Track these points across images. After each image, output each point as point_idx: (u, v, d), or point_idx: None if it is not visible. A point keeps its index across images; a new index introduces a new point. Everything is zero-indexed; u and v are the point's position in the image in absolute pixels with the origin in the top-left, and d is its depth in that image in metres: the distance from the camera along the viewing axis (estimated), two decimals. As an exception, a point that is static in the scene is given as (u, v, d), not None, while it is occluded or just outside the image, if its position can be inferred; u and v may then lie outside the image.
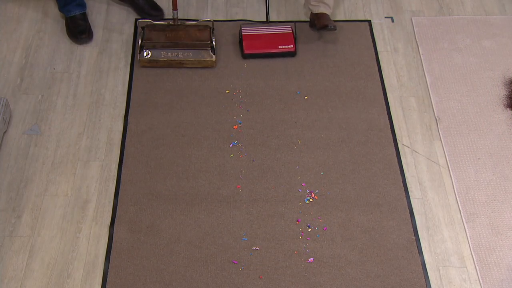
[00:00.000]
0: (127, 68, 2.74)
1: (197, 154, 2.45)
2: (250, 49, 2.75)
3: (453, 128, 2.57)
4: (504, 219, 2.29)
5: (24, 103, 2.59)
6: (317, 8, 2.78)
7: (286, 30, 2.80)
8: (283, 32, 2.79)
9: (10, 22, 2.91)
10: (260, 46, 2.75)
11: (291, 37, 2.77)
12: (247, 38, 2.76)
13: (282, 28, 2.81)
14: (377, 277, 2.13)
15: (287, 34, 2.78)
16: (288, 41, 2.76)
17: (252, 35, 2.78)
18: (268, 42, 2.76)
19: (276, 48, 2.75)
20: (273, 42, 2.76)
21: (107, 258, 2.14)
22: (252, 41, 2.75)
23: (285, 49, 2.75)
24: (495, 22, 3.00)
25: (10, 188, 2.32)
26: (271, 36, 2.77)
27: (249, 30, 2.80)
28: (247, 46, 2.75)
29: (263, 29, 2.80)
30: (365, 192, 2.35)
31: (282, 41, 2.76)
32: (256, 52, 2.75)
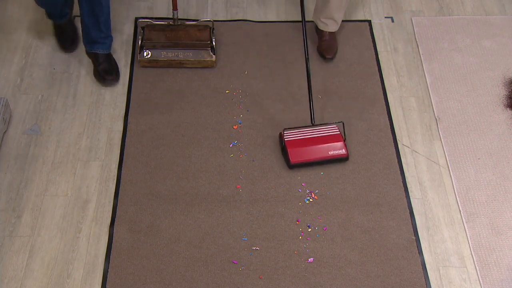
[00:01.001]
0: (127, 68, 2.74)
1: (197, 154, 2.45)
2: (297, 158, 2.39)
3: (453, 128, 2.57)
4: (504, 219, 2.29)
5: (24, 103, 2.59)
6: (325, 26, 2.74)
7: (333, 131, 2.46)
8: (331, 134, 2.45)
9: (10, 22, 2.91)
10: (308, 154, 2.40)
11: (341, 140, 2.43)
12: (291, 144, 2.40)
13: (328, 129, 2.47)
14: (377, 277, 2.13)
15: (336, 137, 2.44)
16: (338, 146, 2.42)
17: (296, 140, 2.42)
18: (317, 148, 2.41)
19: (326, 155, 2.41)
20: (323, 148, 2.41)
21: (107, 258, 2.14)
22: (297, 148, 2.40)
23: (337, 155, 2.41)
24: (495, 22, 3.00)
25: (10, 188, 2.32)
26: (318, 140, 2.43)
27: (292, 134, 2.45)
28: (293, 155, 2.39)
29: (308, 132, 2.45)
30: (365, 192, 2.35)
31: (332, 146, 2.41)
32: (304, 161, 2.40)
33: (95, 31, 2.58)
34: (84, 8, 2.50)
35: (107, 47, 2.66)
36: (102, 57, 2.66)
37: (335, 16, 2.70)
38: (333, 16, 2.69)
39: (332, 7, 2.66)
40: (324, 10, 2.69)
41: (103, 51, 2.66)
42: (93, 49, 2.65)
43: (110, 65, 2.67)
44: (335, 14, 2.69)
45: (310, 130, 2.46)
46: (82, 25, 2.59)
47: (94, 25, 2.55)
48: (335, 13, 2.68)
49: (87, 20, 2.54)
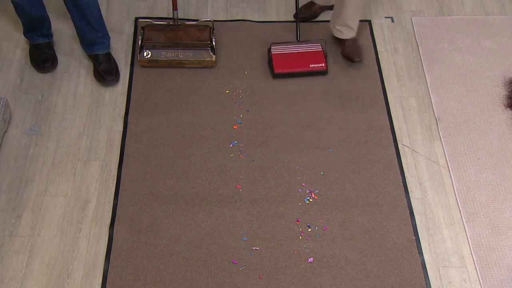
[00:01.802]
0: (127, 68, 2.74)
1: (197, 154, 2.45)
2: (280, 68, 2.67)
3: (453, 128, 2.57)
4: (504, 219, 2.29)
5: (24, 103, 2.59)
6: (340, 34, 2.73)
7: (316, 48, 2.74)
8: (313, 50, 2.73)
9: (10, 22, 2.91)
10: (291, 65, 2.68)
11: (322, 55, 2.71)
12: (277, 57, 2.69)
13: (311, 46, 2.75)
14: (377, 277, 2.13)
15: (318, 53, 2.72)
16: (319, 60, 2.69)
17: (282, 54, 2.71)
18: (299, 61, 2.69)
19: (307, 67, 2.68)
20: (304, 61, 2.69)
21: (107, 258, 2.14)
22: (282, 61, 2.68)
23: (316, 68, 2.69)
24: (495, 22, 3.00)
25: (10, 188, 2.32)
26: (301, 54, 2.71)
27: (279, 48, 2.73)
28: (278, 66, 2.67)
29: (293, 48, 2.73)
30: (365, 192, 2.35)
31: (313, 60, 2.69)
32: (287, 71, 2.68)
33: (90, 32, 2.58)
34: (73, 12, 2.51)
35: (106, 46, 2.67)
36: (102, 57, 2.66)
37: (349, 23, 2.67)
38: (347, 23, 2.67)
39: (346, 15, 2.63)
40: (339, 18, 2.67)
41: (103, 51, 2.66)
42: (93, 51, 2.66)
43: (110, 65, 2.67)
44: (350, 22, 2.67)
45: (295, 45, 2.74)
46: (77, 30, 2.61)
47: (87, 26, 2.56)
48: (350, 21, 2.66)
49: (79, 23, 2.55)
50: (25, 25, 2.62)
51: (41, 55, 2.68)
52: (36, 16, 2.55)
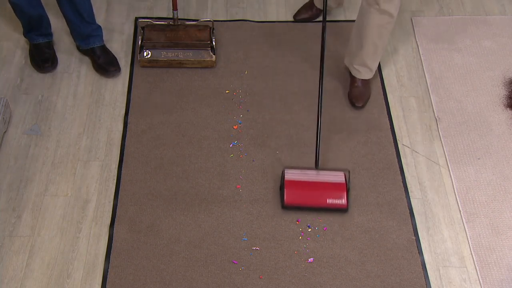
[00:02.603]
0: (127, 68, 2.74)
1: (197, 154, 2.45)
2: (292, 199, 2.25)
3: (453, 128, 2.57)
4: (504, 219, 2.29)
5: (24, 103, 2.59)
6: (358, 73, 2.57)
7: (338, 179, 2.29)
8: (334, 182, 2.28)
9: (10, 22, 2.91)
10: (305, 197, 2.25)
11: (343, 189, 2.26)
12: (290, 185, 2.26)
13: (333, 176, 2.30)
14: (377, 277, 2.13)
15: (339, 185, 2.27)
16: (339, 195, 2.25)
17: (296, 181, 2.27)
18: (315, 194, 2.25)
19: (323, 202, 2.25)
20: (321, 194, 2.25)
21: (107, 258, 2.14)
22: (295, 189, 2.26)
23: (334, 205, 2.25)
24: (495, 22, 3.00)
25: (10, 188, 2.32)
26: (319, 185, 2.26)
27: (294, 174, 2.30)
28: (289, 195, 2.25)
29: (310, 175, 2.29)
30: (365, 192, 2.35)
31: (332, 194, 2.25)
32: (298, 204, 2.26)
33: (84, 26, 2.61)
34: (66, 8, 2.53)
35: (100, 38, 2.70)
36: (99, 50, 2.69)
37: (368, 63, 2.52)
38: (366, 63, 2.52)
39: (365, 54, 2.49)
40: (358, 56, 2.52)
41: (99, 43, 2.69)
42: (89, 44, 2.68)
43: (109, 56, 2.70)
44: (369, 62, 2.52)
45: (313, 173, 2.30)
46: (71, 25, 2.62)
47: (82, 21, 2.58)
48: (369, 61, 2.51)
49: (73, 18, 2.57)
50: (24, 25, 2.62)
51: (41, 55, 2.67)
52: (34, 15, 2.55)
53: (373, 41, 2.44)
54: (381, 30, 2.40)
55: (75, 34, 2.67)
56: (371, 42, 2.44)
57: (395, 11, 2.33)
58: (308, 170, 2.31)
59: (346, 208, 2.26)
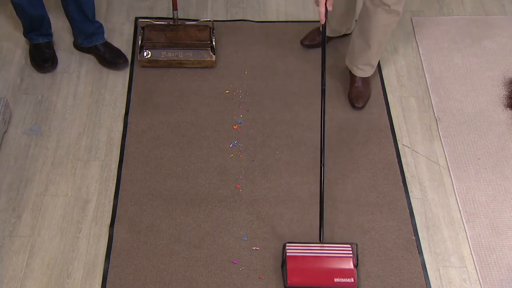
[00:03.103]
0: (127, 68, 2.74)
1: (197, 154, 2.45)
2: (295, 278, 2.04)
3: (453, 128, 2.57)
4: (504, 219, 2.29)
5: (24, 103, 2.59)
6: (362, 72, 2.57)
7: (346, 253, 2.09)
8: (341, 256, 2.08)
9: (10, 22, 2.91)
10: (310, 276, 2.05)
11: (352, 265, 2.07)
12: (292, 262, 2.07)
13: (339, 250, 2.10)
14: (377, 277, 2.13)
15: (346, 261, 2.07)
16: (347, 273, 2.06)
17: (299, 257, 2.08)
18: (320, 272, 2.06)
19: (331, 281, 2.05)
20: (327, 272, 2.06)
21: (107, 258, 2.14)
22: (299, 267, 2.06)
23: (342, 284, 2.05)
24: (495, 22, 3.00)
25: (10, 188, 2.32)
26: (324, 261, 2.07)
27: (296, 249, 2.10)
28: (292, 275, 2.05)
29: (315, 251, 2.10)
30: (365, 192, 2.35)
31: (339, 272, 2.05)
32: (303, 285, 2.06)
33: (88, 25, 2.63)
34: (71, 6, 2.54)
35: (102, 35, 2.72)
36: (102, 47, 2.71)
37: (373, 61, 2.54)
38: (371, 62, 2.54)
39: (371, 54, 2.49)
40: (363, 57, 2.51)
41: (102, 41, 2.71)
42: (92, 42, 2.69)
43: (114, 50, 2.72)
44: (373, 60, 2.53)
45: (318, 247, 2.10)
46: (73, 24, 2.63)
47: (85, 19, 2.60)
48: (373, 59, 2.53)
49: (77, 17, 2.59)
50: (25, 26, 2.62)
51: (41, 55, 2.67)
52: (35, 15, 2.55)
53: (379, 40, 2.43)
54: (387, 28, 2.39)
55: (77, 33, 2.67)
56: (377, 41, 2.43)
57: (402, 9, 2.34)
58: (311, 244, 2.11)
59: (355, 287, 2.06)
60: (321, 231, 2.11)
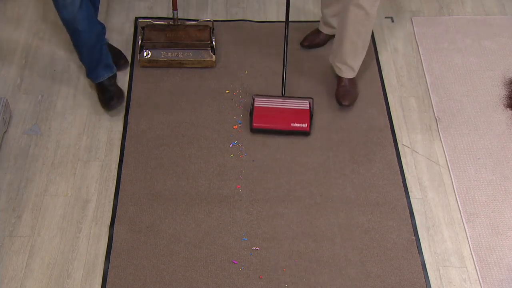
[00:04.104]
0: (127, 68, 2.74)
1: (197, 154, 2.45)
2: (260, 122, 2.49)
3: (453, 128, 2.57)
4: (504, 219, 2.29)
5: (24, 103, 2.59)
6: (339, 71, 2.58)
7: (303, 106, 2.51)
8: (299, 108, 2.51)
9: (10, 22, 2.91)
10: (271, 121, 2.49)
11: (307, 115, 2.49)
12: (258, 111, 2.50)
13: (298, 103, 2.53)
14: (377, 277, 2.13)
15: (303, 111, 2.50)
16: (302, 119, 2.48)
17: (264, 108, 2.51)
18: (281, 118, 2.49)
19: (288, 126, 2.48)
20: (286, 118, 2.49)
21: (107, 258, 2.14)
22: (263, 115, 2.50)
23: (297, 128, 2.48)
24: (495, 22, 3.00)
25: (10, 188, 2.32)
26: (285, 111, 2.50)
27: (262, 101, 2.54)
28: (257, 120, 2.49)
29: (278, 102, 2.53)
30: (365, 192, 2.35)
31: (296, 119, 2.48)
32: (265, 127, 2.49)
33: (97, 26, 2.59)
34: None
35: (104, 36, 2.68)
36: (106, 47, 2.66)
37: (348, 61, 2.52)
38: (346, 61, 2.52)
39: (344, 52, 2.49)
40: (338, 54, 2.53)
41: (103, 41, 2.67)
42: None
43: (114, 51, 2.71)
44: (349, 60, 2.52)
45: (281, 100, 2.53)
46: None
47: None
48: (349, 59, 2.51)
49: None
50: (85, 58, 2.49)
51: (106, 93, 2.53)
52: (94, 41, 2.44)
53: (351, 38, 2.44)
54: (357, 27, 2.40)
55: None
56: (349, 39, 2.44)
57: (370, 8, 2.34)
58: (275, 97, 2.54)
59: (308, 132, 2.48)
60: (283, 85, 2.55)
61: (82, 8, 2.27)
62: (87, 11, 2.31)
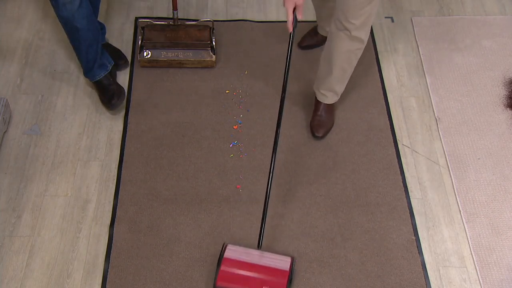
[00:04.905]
0: (127, 68, 2.74)
1: (197, 154, 2.45)
2: (224, 281, 1.98)
3: (453, 128, 2.57)
4: (504, 219, 2.29)
5: (24, 103, 2.59)
6: (324, 98, 2.47)
7: (282, 265, 2.02)
8: (277, 268, 2.01)
9: (10, 22, 2.91)
10: (240, 281, 1.99)
11: (285, 277, 1.99)
12: (227, 263, 2.01)
13: (277, 260, 2.04)
14: (377, 277, 2.13)
15: (279, 271, 2.00)
16: (277, 284, 1.97)
17: (235, 261, 2.02)
18: (252, 278, 1.99)
19: None
20: (258, 280, 1.98)
21: (107, 258, 2.14)
22: (232, 270, 2.00)
23: None
24: (495, 22, 3.00)
25: (10, 188, 2.32)
26: (259, 269, 2.01)
27: (234, 252, 2.05)
28: (222, 277, 1.98)
29: (253, 256, 2.05)
30: (365, 192, 2.35)
31: (270, 282, 1.98)
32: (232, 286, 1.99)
33: None
34: None
35: (103, 36, 2.73)
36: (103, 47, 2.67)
37: (336, 88, 2.43)
38: (333, 88, 2.43)
39: (333, 79, 2.39)
40: (325, 82, 2.42)
41: (102, 41, 2.71)
42: None
43: (114, 51, 2.71)
44: (336, 86, 2.43)
45: (257, 254, 2.05)
46: None
47: None
48: (337, 86, 2.42)
49: None
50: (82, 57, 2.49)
51: (106, 93, 2.53)
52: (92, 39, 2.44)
53: (341, 66, 2.32)
54: (350, 55, 2.28)
55: None
56: (340, 67, 2.32)
57: (365, 37, 2.22)
58: (251, 250, 2.07)
59: None
60: (260, 238, 2.07)
61: (81, 7, 2.27)
62: (86, 10, 2.31)
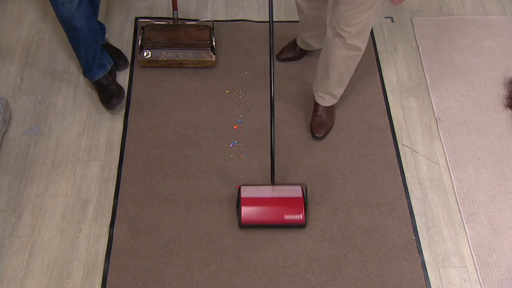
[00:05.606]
0: (127, 68, 2.74)
1: (197, 154, 2.45)
2: (249, 217, 2.19)
3: (453, 128, 2.57)
4: (504, 219, 2.29)
5: (24, 103, 2.59)
6: (322, 100, 2.48)
7: (295, 194, 2.23)
8: (291, 197, 2.23)
9: (10, 22, 2.91)
10: (262, 214, 2.20)
11: (301, 204, 2.21)
12: (247, 202, 2.21)
13: (290, 191, 2.25)
14: (377, 277, 2.13)
15: (296, 200, 2.22)
16: (296, 210, 2.20)
17: (252, 198, 2.22)
18: (272, 211, 2.20)
19: (281, 219, 2.20)
20: (279, 210, 2.20)
21: (107, 258, 2.14)
22: (252, 207, 2.20)
23: (292, 220, 2.20)
24: (495, 22, 3.00)
25: (10, 188, 2.32)
26: (276, 201, 2.22)
27: (250, 191, 2.24)
28: (247, 214, 2.19)
29: (267, 192, 2.25)
30: (365, 192, 2.35)
31: (290, 210, 2.20)
32: (256, 222, 2.21)
33: None
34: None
35: (103, 36, 2.73)
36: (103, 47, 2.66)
37: (333, 91, 2.43)
38: (331, 92, 2.44)
39: (330, 84, 2.39)
40: (323, 85, 2.42)
41: (102, 41, 2.70)
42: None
43: (114, 51, 2.71)
44: (334, 90, 2.43)
45: (270, 189, 2.25)
46: None
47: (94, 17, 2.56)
48: (334, 90, 2.43)
49: None
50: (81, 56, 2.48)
51: (105, 93, 2.53)
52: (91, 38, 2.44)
53: (339, 71, 2.32)
54: (347, 61, 2.27)
55: None
56: (337, 72, 2.32)
57: (363, 45, 2.20)
58: (264, 186, 2.26)
59: (304, 224, 2.21)
60: (272, 173, 2.24)
61: (81, 7, 2.27)
62: (85, 9, 2.31)
